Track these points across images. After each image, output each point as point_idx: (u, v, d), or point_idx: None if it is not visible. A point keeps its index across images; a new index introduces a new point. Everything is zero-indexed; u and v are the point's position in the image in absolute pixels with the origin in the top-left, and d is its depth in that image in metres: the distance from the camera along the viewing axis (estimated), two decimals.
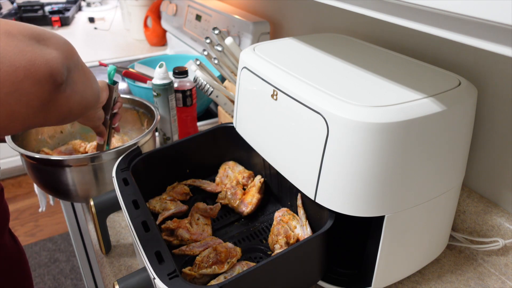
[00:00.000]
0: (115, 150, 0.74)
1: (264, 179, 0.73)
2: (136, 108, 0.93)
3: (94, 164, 0.74)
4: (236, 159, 0.81)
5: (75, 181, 0.75)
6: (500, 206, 0.66)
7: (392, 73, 0.57)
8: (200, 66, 0.89)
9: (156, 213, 0.70)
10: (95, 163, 0.74)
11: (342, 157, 0.50)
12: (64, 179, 0.74)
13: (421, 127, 0.49)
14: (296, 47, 0.68)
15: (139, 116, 0.94)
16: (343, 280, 0.60)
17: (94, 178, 0.75)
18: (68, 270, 1.98)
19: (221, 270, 0.57)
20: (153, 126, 0.82)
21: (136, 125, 0.95)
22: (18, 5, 2.23)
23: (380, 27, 0.80)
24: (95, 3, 2.51)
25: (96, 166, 0.74)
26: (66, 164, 0.72)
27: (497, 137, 0.64)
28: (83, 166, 0.73)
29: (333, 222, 0.54)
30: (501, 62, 0.61)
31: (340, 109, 0.49)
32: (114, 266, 0.67)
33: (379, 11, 0.40)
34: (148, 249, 0.50)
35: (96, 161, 0.74)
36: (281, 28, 1.14)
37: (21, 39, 0.36)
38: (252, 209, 0.70)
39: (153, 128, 0.81)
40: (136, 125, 0.95)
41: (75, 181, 0.75)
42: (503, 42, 0.30)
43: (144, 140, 0.78)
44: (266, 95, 0.60)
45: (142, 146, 0.77)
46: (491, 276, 0.65)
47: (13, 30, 0.36)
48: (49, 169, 0.74)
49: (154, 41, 1.80)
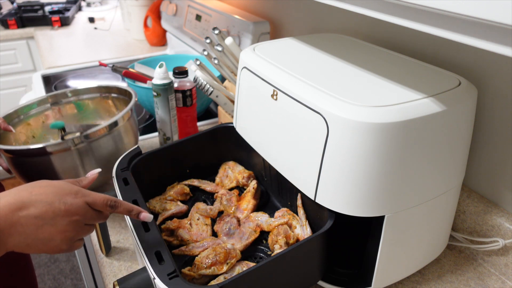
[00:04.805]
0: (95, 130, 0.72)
1: (257, 185, 0.73)
2: (104, 95, 0.92)
3: (77, 147, 0.70)
4: (236, 159, 0.81)
5: (59, 169, 0.71)
6: (500, 206, 0.66)
7: (392, 73, 0.57)
8: (200, 66, 0.89)
9: (156, 213, 0.70)
10: (78, 146, 0.70)
11: (342, 157, 0.50)
12: (47, 169, 0.70)
13: (421, 127, 0.49)
14: (296, 47, 0.68)
15: (113, 102, 0.92)
16: (343, 280, 0.60)
17: (80, 163, 0.71)
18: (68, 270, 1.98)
19: (220, 271, 0.57)
20: (130, 107, 0.80)
21: (111, 113, 0.95)
22: (18, 5, 2.23)
23: (380, 27, 0.80)
24: (95, 3, 2.51)
25: (80, 149, 0.71)
26: (47, 152, 0.69)
27: (497, 137, 0.64)
28: (66, 152, 0.70)
29: (333, 222, 0.54)
30: (501, 62, 0.61)
31: (340, 109, 0.49)
32: (114, 266, 0.67)
33: (379, 11, 0.40)
34: (148, 249, 0.50)
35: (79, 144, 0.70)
36: (281, 28, 1.14)
37: None
38: (248, 214, 0.70)
39: (130, 109, 0.79)
40: (111, 113, 0.95)
41: (59, 169, 0.71)
42: (503, 42, 0.30)
43: (121, 123, 0.76)
44: (266, 95, 0.60)
45: (121, 128, 0.76)
46: (491, 276, 0.65)
47: None
48: (30, 161, 0.71)
49: (154, 41, 1.80)
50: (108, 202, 0.49)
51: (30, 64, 2.18)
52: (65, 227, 0.45)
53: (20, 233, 0.43)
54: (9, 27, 2.11)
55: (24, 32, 2.10)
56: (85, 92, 0.95)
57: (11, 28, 2.11)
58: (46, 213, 0.44)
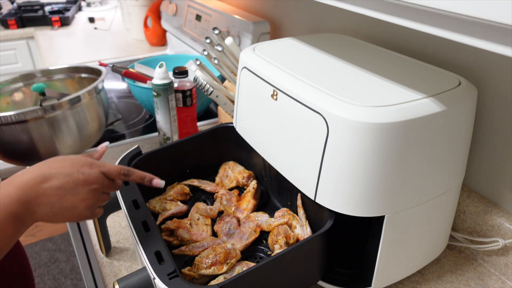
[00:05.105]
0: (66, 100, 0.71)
1: (257, 185, 0.73)
2: (70, 75, 0.92)
3: (50, 116, 0.70)
4: (236, 159, 0.81)
5: (35, 136, 0.70)
6: (500, 206, 0.66)
7: (392, 73, 0.57)
8: (200, 66, 0.89)
9: (156, 213, 0.70)
10: (50, 114, 0.70)
11: (342, 157, 0.50)
12: (20, 137, 0.70)
13: (421, 127, 0.49)
14: (296, 47, 0.68)
15: (83, 82, 0.92)
16: (343, 280, 0.60)
17: (52, 132, 0.71)
18: (68, 270, 1.98)
19: (220, 271, 0.57)
20: (98, 81, 0.80)
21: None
22: (18, 5, 2.23)
23: (380, 27, 0.80)
24: (95, 3, 2.51)
25: (52, 118, 0.70)
26: (20, 120, 0.68)
27: (497, 137, 0.64)
28: (39, 120, 0.69)
29: (333, 222, 0.54)
30: (501, 62, 0.61)
31: (340, 109, 0.49)
32: (114, 266, 0.67)
33: (379, 11, 0.40)
34: (148, 249, 0.50)
35: (50, 113, 0.70)
36: (281, 28, 1.14)
37: None
38: (248, 214, 0.70)
39: (97, 83, 0.80)
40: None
41: (35, 137, 0.70)
42: (503, 42, 0.30)
43: (84, 97, 0.76)
44: (266, 95, 0.60)
45: (86, 103, 0.77)
46: (491, 276, 0.65)
47: None
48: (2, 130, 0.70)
49: (154, 41, 1.80)
50: (121, 171, 0.53)
51: (30, 64, 2.18)
52: (86, 195, 0.49)
53: (46, 204, 0.46)
54: (9, 27, 2.11)
55: (24, 32, 2.10)
56: (55, 72, 0.96)
57: (11, 28, 2.11)
58: (67, 184, 0.48)
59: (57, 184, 0.47)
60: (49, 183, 0.47)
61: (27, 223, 0.46)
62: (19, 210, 0.44)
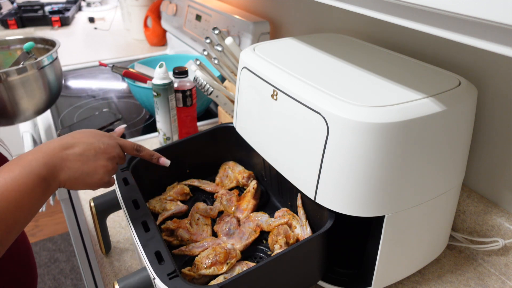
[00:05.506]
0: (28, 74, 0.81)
1: (257, 185, 0.73)
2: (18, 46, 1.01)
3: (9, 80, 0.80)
4: (236, 159, 0.81)
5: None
6: (500, 206, 0.66)
7: (392, 73, 0.57)
8: (200, 66, 0.89)
9: (156, 213, 0.70)
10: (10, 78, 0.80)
11: (342, 157, 0.50)
12: None
13: (421, 127, 0.49)
14: (296, 47, 0.68)
15: (38, 53, 0.99)
16: (343, 280, 0.60)
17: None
18: (68, 270, 1.98)
19: (220, 271, 0.57)
20: (52, 51, 0.91)
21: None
22: (18, 5, 2.23)
23: (380, 27, 0.80)
24: (95, 3, 2.51)
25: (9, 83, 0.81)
26: None
27: (497, 137, 0.64)
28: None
29: (333, 222, 0.54)
30: (501, 62, 0.61)
31: (340, 109, 0.49)
32: (114, 266, 0.67)
33: (379, 11, 0.40)
34: (148, 249, 0.50)
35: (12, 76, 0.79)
36: (281, 28, 1.14)
37: None
38: (248, 214, 0.70)
39: (52, 53, 0.89)
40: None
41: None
42: (503, 42, 0.30)
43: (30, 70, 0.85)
44: (266, 95, 0.60)
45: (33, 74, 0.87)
46: (491, 276, 0.65)
47: None
48: None
49: (154, 41, 1.80)
50: (135, 146, 0.59)
51: None
52: (105, 162, 0.54)
53: (69, 168, 0.50)
54: (9, 27, 2.10)
55: (24, 32, 2.10)
56: (12, 43, 1.08)
57: (11, 28, 2.11)
58: (89, 151, 0.52)
59: (79, 151, 0.51)
60: (72, 149, 0.51)
61: (52, 187, 0.50)
62: (46, 173, 0.48)
